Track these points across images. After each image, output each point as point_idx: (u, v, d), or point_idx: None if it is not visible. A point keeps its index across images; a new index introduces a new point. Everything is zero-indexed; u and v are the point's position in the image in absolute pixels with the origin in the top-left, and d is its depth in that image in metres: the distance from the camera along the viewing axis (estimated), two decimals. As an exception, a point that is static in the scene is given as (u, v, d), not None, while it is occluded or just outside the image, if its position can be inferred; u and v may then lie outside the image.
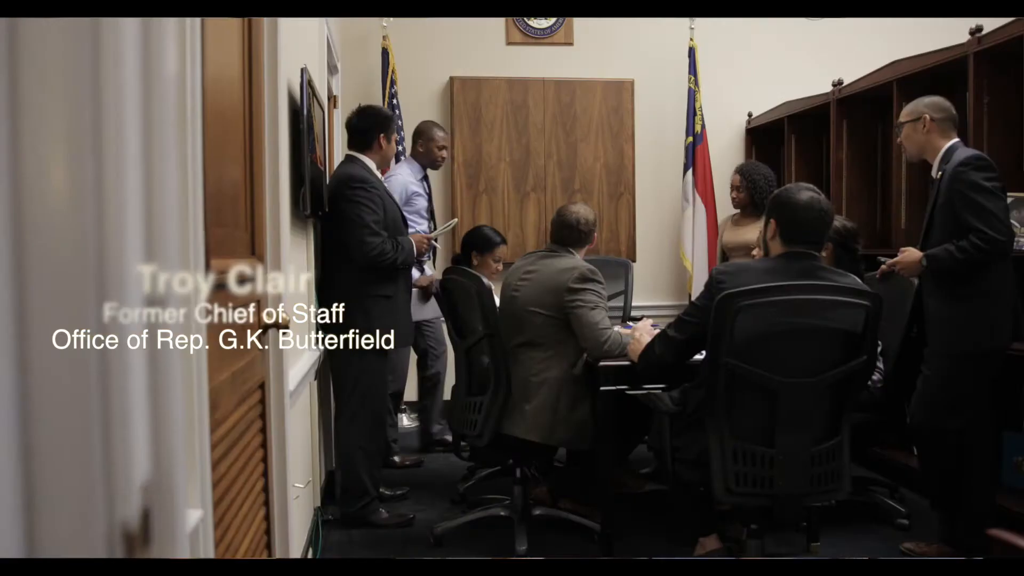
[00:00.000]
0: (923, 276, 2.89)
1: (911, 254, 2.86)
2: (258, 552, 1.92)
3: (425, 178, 4.35)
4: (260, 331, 2.03)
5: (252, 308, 1.97)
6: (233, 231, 1.78)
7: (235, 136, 1.82)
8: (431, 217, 4.40)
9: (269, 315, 2.08)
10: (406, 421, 5.12)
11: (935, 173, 2.86)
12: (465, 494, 3.57)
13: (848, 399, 2.38)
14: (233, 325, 1.75)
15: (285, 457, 2.20)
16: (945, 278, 2.77)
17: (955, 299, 2.76)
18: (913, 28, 4.92)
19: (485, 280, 2.94)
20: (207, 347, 1.34)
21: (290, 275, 2.44)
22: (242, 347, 1.83)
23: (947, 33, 3.79)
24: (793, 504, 2.37)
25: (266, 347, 2.10)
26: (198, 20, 1.32)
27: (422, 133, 4.32)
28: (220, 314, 1.60)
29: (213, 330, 1.55)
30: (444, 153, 4.35)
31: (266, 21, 2.14)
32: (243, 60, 1.90)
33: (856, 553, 3.00)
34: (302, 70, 2.68)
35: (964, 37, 3.43)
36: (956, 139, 2.84)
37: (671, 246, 5.34)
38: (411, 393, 5.19)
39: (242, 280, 1.82)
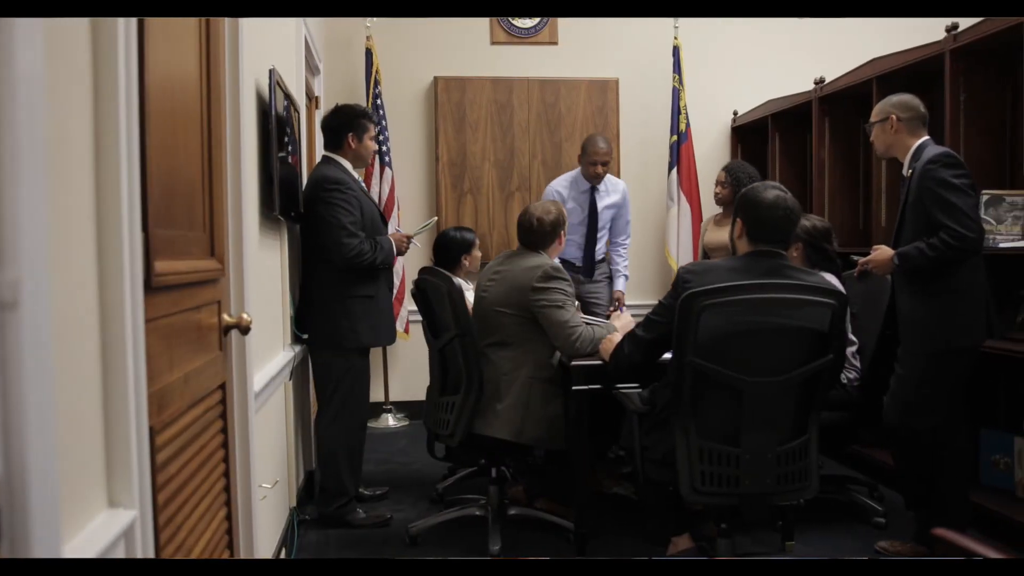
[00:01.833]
0: (895, 274, 2.88)
1: (883, 252, 2.86)
2: (218, 552, 1.92)
3: (595, 189, 4.43)
4: (220, 332, 2.04)
5: (211, 309, 1.97)
6: (188, 232, 1.77)
7: (191, 136, 1.81)
8: (587, 232, 4.47)
9: (230, 316, 2.08)
10: (392, 421, 5.12)
11: (905, 171, 2.85)
12: (443, 493, 3.58)
13: (816, 398, 2.37)
14: (185, 326, 1.75)
15: (249, 458, 2.20)
16: (916, 276, 2.77)
17: (926, 297, 2.76)
18: (897, 25, 4.91)
19: (456, 280, 2.94)
20: (144, 348, 1.33)
21: (255, 276, 2.44)
22: (198, 348, 1.83)
23: (929, 30, 3.79)
24: (760, 503, 2.36)
25: (228, 348, 2.10)
26: (133, 21, 1.32)
27: (582, 147, 4.42)
28: (168, 315, 1.60)
29: (160, 331, 1.55)
30: (597, 169, 4.34)
31: (227, 22, 2.14)
32: (200, 60, 1.90)
33: (831, 551, 3.00)
34: (270, 71, 2.67)
35: (943, 35, 3.42)
36: (926, 137, 2.83)
37: (656, 244, 5.34)
38: (397, 393, 5.21)
39: (196, 281, 1.83)
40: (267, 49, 2.82)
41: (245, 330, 2.08)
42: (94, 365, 1.20)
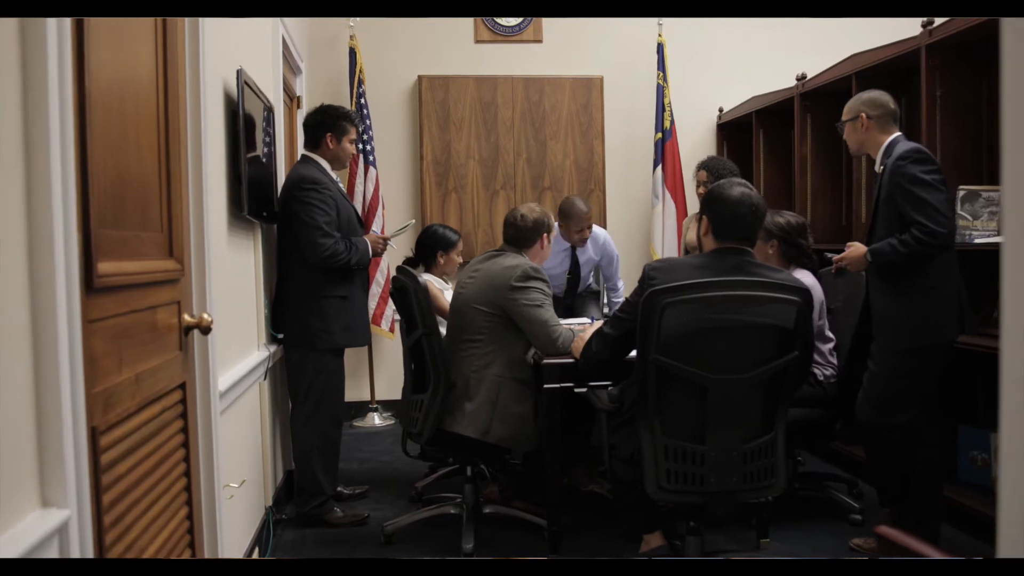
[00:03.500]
0: (869, 271, 2.88)
1: (856, 249, 2.85)
2: (177, 552, 1.92)
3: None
4: (180, 332, 2.04)
5: (169, 309, 1.97)
6: (141, 232, 1.77)
7: (145, 136, 1.81)
8: (570, 281, 4.30)
9: (191, 316, 2.08)
10: (377, 420, 5.13)
11: (877, 168, 2.85)
12: (422, 492, 3.58)
13: (782, 395, 2.37)
14: (137, 326, 1.75)
15: (212, 457, 2.19)
16: (889, 273, 2.76)
17: (899, 294, 2.75)
18: (881, 20, 4.89)
19: (423, 278, 2.94)
20: (81, 349, 1.33)
21: (222, 276, 2.44)
22: (153, 348, 1.83)
23: (911, 26, 3.77)
24: (726, 501, 2.35)
25: (189, 348, 2.10)
26: (67, 21, 1.31)
27: (561, 212, 4.11)
28: (116, 315, 1.60)
29: (107, 332, 1.55)
30: (584, 235, 4.09)
31: (187, 22, 2.14)
32: (157, 61, 1.90)
33: (807, 548, 3.00)
34: (238, 71, 2.67)
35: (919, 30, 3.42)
36: (897, 133, 2.82)
37: (641, 242, 5.33)
38: (383, 392, 5.21)
39: (150, 282, 1.83)
40: (237, 49, 2.82)
41: (206, 330, 2.08)
42: (24, 366, 1.20)
